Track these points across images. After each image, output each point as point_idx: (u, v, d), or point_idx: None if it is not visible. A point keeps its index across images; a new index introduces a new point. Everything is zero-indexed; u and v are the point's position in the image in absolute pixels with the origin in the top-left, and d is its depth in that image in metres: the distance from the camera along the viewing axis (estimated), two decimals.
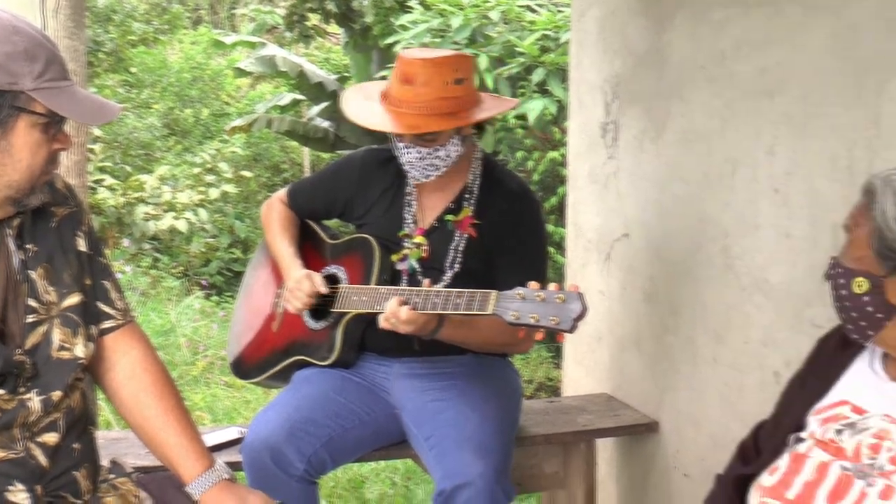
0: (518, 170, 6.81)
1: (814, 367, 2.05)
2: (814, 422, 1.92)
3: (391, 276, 2.80)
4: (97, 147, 10.04)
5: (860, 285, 1.79)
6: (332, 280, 2.89)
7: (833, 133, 2.43)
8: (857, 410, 1.87)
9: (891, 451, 1.76)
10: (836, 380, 1.97)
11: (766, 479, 1.92)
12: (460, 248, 2.80)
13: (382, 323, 2.52)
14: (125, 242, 8.89)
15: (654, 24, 3.23)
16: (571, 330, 2.17)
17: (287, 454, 2.61)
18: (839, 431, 1.84)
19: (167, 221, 9.00)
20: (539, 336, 2.26)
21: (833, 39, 2.43)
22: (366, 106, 2.79)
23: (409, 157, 2.73)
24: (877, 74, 2.28)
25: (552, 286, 2.23)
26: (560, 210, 6.32)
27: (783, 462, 1.91)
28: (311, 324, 2.92)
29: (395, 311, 2.48)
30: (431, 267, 2.80)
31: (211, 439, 2.92)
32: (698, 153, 3.00)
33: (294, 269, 2.88)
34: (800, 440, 1.92)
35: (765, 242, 2.71)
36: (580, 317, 2.16)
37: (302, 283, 2.79)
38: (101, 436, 3.04)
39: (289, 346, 2.97)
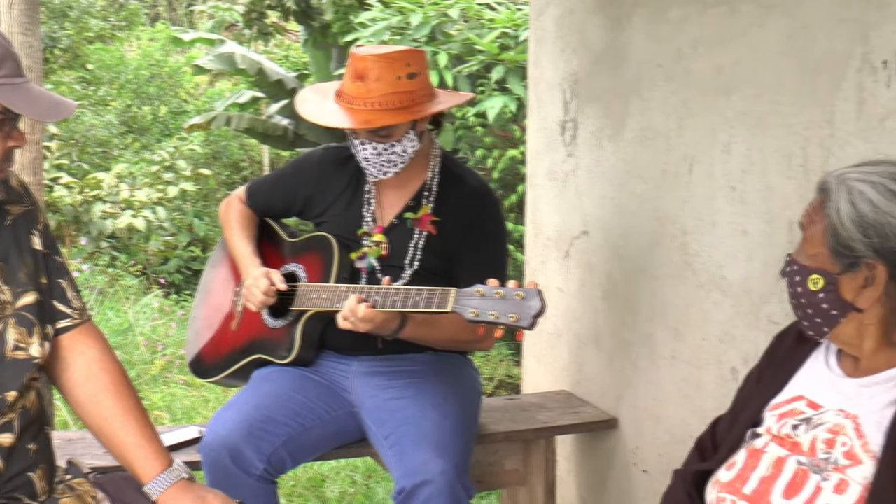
0: (478, 168, 6.80)
1: (770, 363, 2.07)
2: (770, 417, 1.94)
3: (350, 275, 2.80)
4: (53, 144, 9.93)
5: (815, 283, 1.80)
6: (291, 278, 2.88)
7: (788, 131, 2.45)
8: (813, 406, 1.88)
9: (845, 446, 1.78)
10: (792, 376, 1.98)
11: (724, 474, 1.93)
12: (420, 246, 2.79)
13: (341, 322, 2.52)
14: (82, 241, 8.79)
15: (611, 23, 3.24)
16: (531, 327, 2.18)
17: (246, 453, 2.60)
18: (795, 427, 1.86)
19: (125, 219, 8.91)
20: (499, 333, 2.27)
21: (788, 39, 2.45)
22: (321, 104, 2.80)
23: (365, 153, 2.72)
24: (830, 73, 2.30)
25: (511, 283, 2.24)
26: (520, 208, 6.33)
27: (740, 457, 1.92)
28: (271, 322, 2.90)
29: (353, 308, 2.48)
30: (391, 265, 2.80)
31: (170, 439, 2.90)
32: (656, 151, 3.01)
33: (252, 267, 2.86)
34: (756, 435, 1.93)
35: (722, 239, 2.73)
36: (539, 314, 2.18)
37: (259, 282, 2.78)
38: (57, 436, 3.01)
39: (248, 344, 2.95)
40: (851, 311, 1.79)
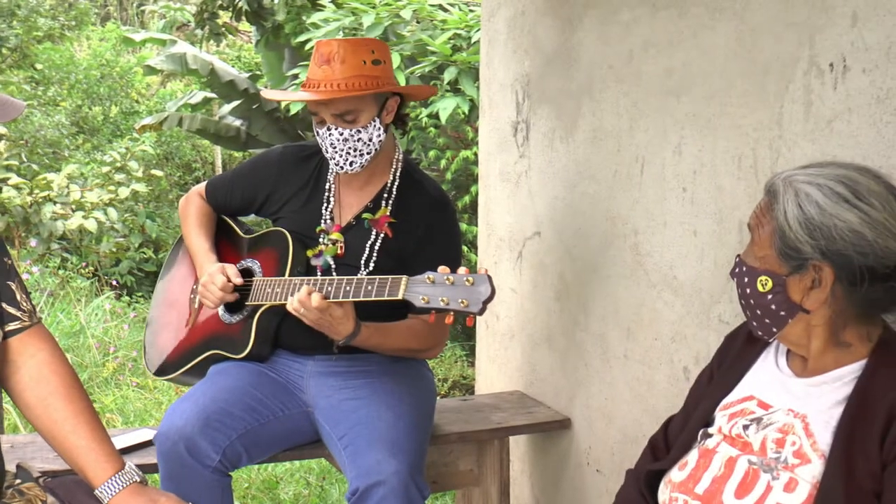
0: (431, 169, 6.81)
1: (721, 363, 2.08)
2: (721, 417, 1.95)
3: (306, 271, 2.80)
4: (2, 145, 9.78)
5: (764, 284, 1.82)
6: (246, 274, 2.89)
7: (738, 133, 2.47)
8: (763, 405, 1.90)
9: (794, 445, 1.79)
10: (743, 375, 2.00)
11: (676, 474, 1.94)
12: (375, 247, 2.81)
13: (290, 307, 2.53)
14: (32, 242, 8.67)
15: (563, 25, 3.25)
16: (481, 312, 2.22)
17: (201, 445, 2.58)
18: (746, 427, 1.87)
19: (76, 221, 8.81)
20: (449, 319, 2.29)
21: (736, 42, 2.46)
22: (285, 95, 2.92)
23: (332, 139, 2.74)
24: (779, 76, 2.32)
25: (462, 270, 2.27)
26: (473, 209, 6.34)
27: (692, 457, 1.93)
28: (226, 318, 2.90)
29: (303, 298, 2.48)
30: (346, 264, 2.81)
31: (122, 441, 2.88)
32: (608, 152, 3.02)
33: (208, 263, 2.88)
34: (708, 435, 1.94)
35: (673, 240, 2.74)
36: (489, 299, 2.21)
37: (215, 277, 2.79)
38: (7, 440, 2.98)
39: (204, 340, 2.95)
40: (799, 312, 1.80)
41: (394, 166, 2.88)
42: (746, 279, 1.85)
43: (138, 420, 5.84)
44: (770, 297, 1.81)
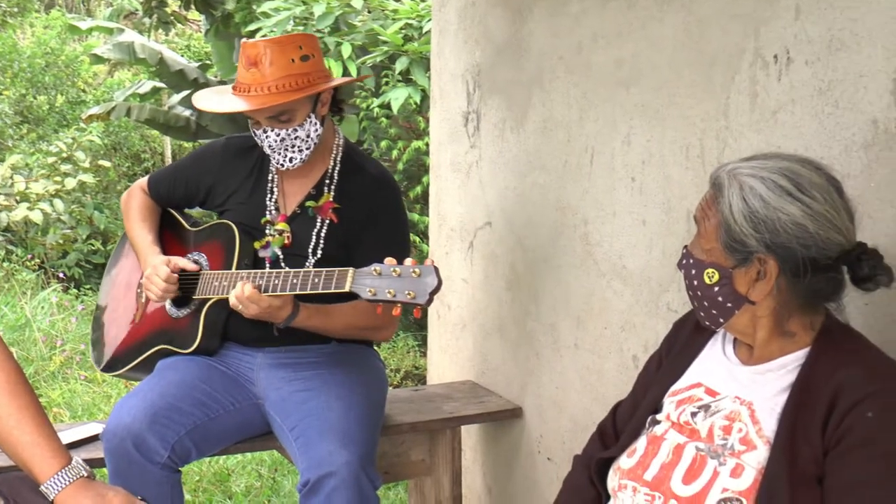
0: (383, 159, 6.80)
1: (669, 350, 2.11)
2: (669, 404, 1.97)
3: (254, 263, 2.79)
4: None
5: (711, 276, 1.85)
6: None
7: (685, 123, 2.50)
8: (710, 392, 1.92)
9: (741, 432, 1.82)
10: (691, 363, 2.02)
11: (625, 461, 1.96)
12: (322, 234, 2.81)
13: (231, 302, 2.55)
14: None
15: (513, 15, 3.26)
16: (428, 303, 2.24)
17: (150, 441, 2.56)
18: (693, 414, 1.89)
19: (21, 212, 8.68)
20: (396, 311, 2.29)
21: (684, 33, 2.49)
22: (217, 99, 2.83)
23: (269, 141, 2.73)
24: (725, 67, 2.35)
25: (408, 261, 2.28)
26: (424, 199, 6.34)
27: (641, 444, 1.95)
28: (174, 312, 2.89)
29: (239, 294, 2.51)
30: (294, 253, 2.80)
31: (70, 436, 2.85)
32: (558, 142, 3.04)
33: (151, 255, 2.85)
34: (656, 422, 1.96)
35: (622, 229, 2.77)
36: (436, 290, 2.23)
37: (159, 269, 2.77)
38: None
39: (152, 335, 2.93)
40: (745, 304, 1.84)
41: (334, 151, 2.88)
42: (694, 271, 1.88)
43: (87, 414, 5.79)
44: (717, 289, 1.84)
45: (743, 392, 1.87)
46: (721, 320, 1.88)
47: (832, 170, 1.82)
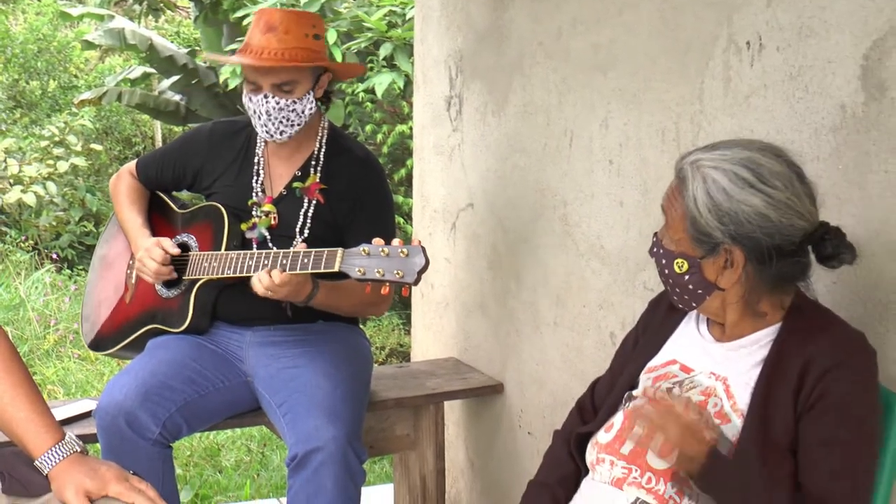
0: (367, 143, 6.79)
1: (646, 328, 2.11)
2: (646, 380, 1.98)
3: (241, 245, 2.79)
4: None
5: (680, 266, 1.86)
6: (182, 249, 2.86)
7: (661, 107, 2.50)
8: (685, 369, 1.94)
9: (717, 407, 1.83)
10: (666, 340, 2.04)
11: (603, 435, 1.97)
12: (309, 214, 2.80)
13: (259, 291, 2.52)
14: None
15: (494, 2, 3.25)
16: (416, 282, 2.24)
17: (141, 418, 2.56)
18: (669, 389, 1.90)
19: (14, 195, 8.64)
20: (385, 290, 2.29)
21: (660, 20, 2.49)
22: (223, 58, 2.87)
23: (268, 106, 2.72)
24: (699, 53, 2.35)
25: (396, 241, 2.28)
26: (408, 181, 6.34)
27: (618, 419, 1.96)
28: (164, 292, 2.88)
29: (269, 283, 2.49)
30: (281, 234, 2.80)
31: (63, 412, 2.84)
32: (538, 125, 3.04)
33: (142, 237, 2.84)
34: (633, 398, 1.97)
35: (600, 210, 2.77)
36: (423, 269, 2.23)
37: (153, 251, 2.76)
38: None
39: (142, 315, 2.92)
40: (715, 290, 1.85)
41: (320, 134, 2.88)
42: (664, 261, 1.89)
43: (80, 391, 5.78)
44: (687, 277, 1.86)
45: (717, 368, 1.88)
46: (694, 304, 1.90)
47: (793, 154, 1.84)
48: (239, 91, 7.63)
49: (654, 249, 1.92)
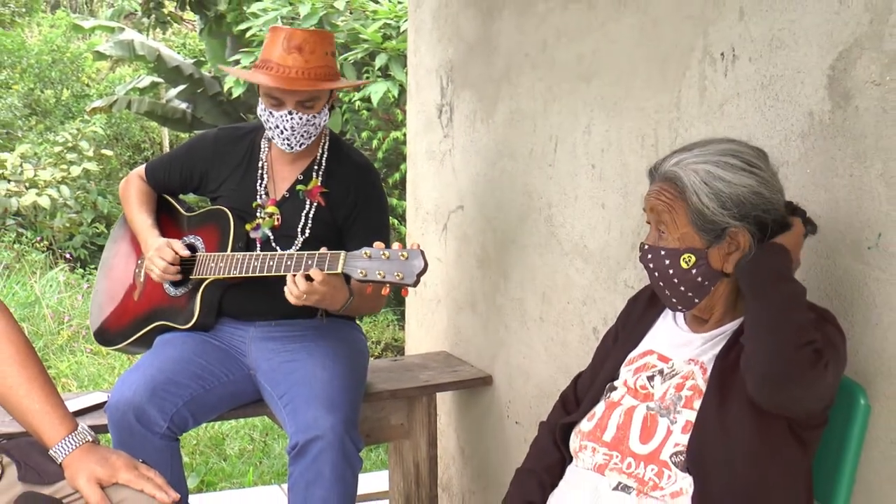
0: (364, 148, 6.79)
1: (625, 324, 2.11)
2: (626, 371, 1.98)
3: (245, 245, 2.78)
4: None
5: (687, 261, 1.84)
6: (190, 249, 2.86)
7: (641, 114, 2.50)
8: (663, 359, 1.94)
9: (691, 390, 1.84)
10: (645, 334, 2.04)
11: (585, 424, 1.97)
12: (311, 216, 2.80)
13: (293, 300, 2.47)
14: None
15: (483, 15, 3.25)
16: (415, 284, 2.24)
17: (150, 413, 2.55)
18: (650, 378, 1.91)
19: (30, 198, 8.62)
20: (385, 291, 2.30)
21: (640, 32, 2.49)
22: (248, 75, 2.85)
23: (292, 122, 2.72)
24: (677, 63, 2.35)
25: (396, 245, 2.28)
26: (402, 185, 6.34)
27: (599, 409, 1.96)
28: (171, 291, 2.87)
29: (304, 286, 2.43)
30: (283, 234, 2.80)
31: (76, 404, 2.84)
32: (524, 132, 3.04)
33: (152, 238, 2.83)
34: (613, 388, 1.98)
35: (583, 212, 2.77)
36: (422, 271, 2.23)
37: (163, 252, 2.75)
38: None
39: (150, 312, 2.91)
40: (721, 278, 1.85)
41: (322, 141, 2.88)
42: (667, 261, 1.85)
43: (92, 384, 5.77)
44: (694, 271, 1.83)
45: (695, 354, 1.89)
46: (696, 301, 1.87)
47: (771, 155, 1.87)
48: (241, 99, 7.65)
49: (649, 256, 1.89)
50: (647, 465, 1.81)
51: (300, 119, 2.71)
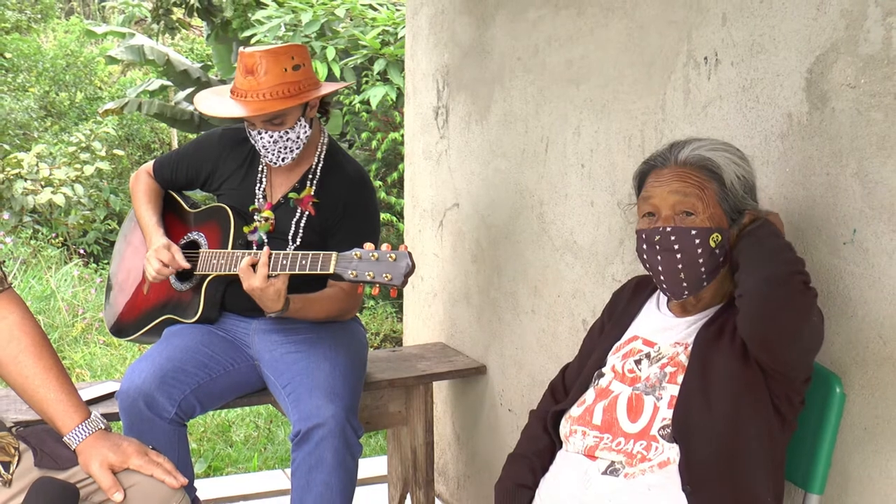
0: (363, 149, 6.79)
1: (611, 316, 2.12)
2: (613, 358, 1.99)
3: (245, 244, 2.78)
4: None
5: (715, 239, 1.83)
6: (193, 245, 2.85)
7: (628, 116, 2.50)
8: (648, 343, 1.94)
9: (675, 366, 1.84)
10: (630, 324, 2.04)
11: (575, 409, 1.97)
12: (301, 224, 2.78)
13: (247, 288, 2.50)
14: (5, 215, 8.45)
15: (477, 21, 3.25)
16: (402, 285, 2.24)
17: (159, 399, 2.55)
18: (638, 362, 1.91)
19: (45, 196, 8.61)
20: (375, 291, 2.29)
21: (627, 37, 2.48)
22: (217, 101, 2.77)
23: (263, 142, 2.69)
24: (662, 67, 2.35)
25: (385, 246, 2.27)
26: (400, 184, 6.34)
27: (588, 395, 1.97)
28: (177, 285, 2.86)
29: (258, 283, 2.46)
30: (277, 238, 2.78)
31: (90, 393, 2.84)
32: (517, 133, 3.03)
33: (155, 236, 2.82)
34: (601, 375, 1.98)
35: (573, 209, 2.77)
36: (409, 273, 2.23)
37: (161, 253, 2.73)
38: None
39: (158, 306, 2.90)
40: (727, 261, 1.86)
41: (319, 150, 2.84)
42: (698, 240, 1.81)
43: (105, 374, 5.77)
44: (717, 250, 1.83)
45: (680, 338, 1.90)
46: (706, 283, 1.86)
47: (752, 155, 1.94)
48: None
49: (672, 238, 1.82)
50: (637, 442, 1.81)
51: (270, 137, 2.67)
